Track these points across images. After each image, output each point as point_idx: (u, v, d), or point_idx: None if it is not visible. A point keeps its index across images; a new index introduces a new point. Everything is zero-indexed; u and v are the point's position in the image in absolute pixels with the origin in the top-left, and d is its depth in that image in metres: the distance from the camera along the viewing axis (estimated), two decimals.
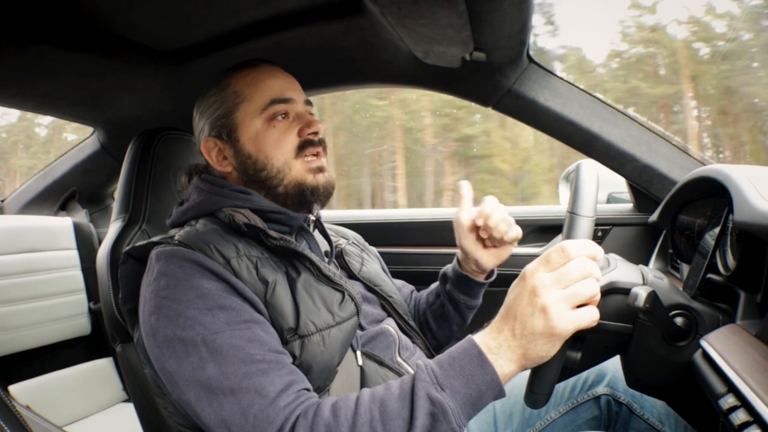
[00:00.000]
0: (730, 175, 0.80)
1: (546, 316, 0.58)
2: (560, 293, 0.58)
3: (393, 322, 0.92)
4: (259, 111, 0.83)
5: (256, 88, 0.84)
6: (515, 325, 0.60)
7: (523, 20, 0.94)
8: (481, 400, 0.61)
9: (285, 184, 0.83)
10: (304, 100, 0.88)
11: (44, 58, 1.04)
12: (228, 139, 0.85)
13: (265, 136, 0.83)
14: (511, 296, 0.63)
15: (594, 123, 1.24)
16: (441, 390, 0.60)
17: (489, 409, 0.92)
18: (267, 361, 0.66)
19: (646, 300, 0.65)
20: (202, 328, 0.66)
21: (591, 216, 0.63)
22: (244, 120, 0.84)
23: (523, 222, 1.53)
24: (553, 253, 0.60)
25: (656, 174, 1.24)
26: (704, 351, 0.67)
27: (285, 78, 0.88)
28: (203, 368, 0.65)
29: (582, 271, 0.59)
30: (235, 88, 0.85)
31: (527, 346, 0.60)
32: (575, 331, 0.59)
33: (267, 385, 0.64)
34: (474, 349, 0.61)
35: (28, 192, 1.84)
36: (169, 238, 0.78)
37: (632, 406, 0.85)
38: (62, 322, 1.72)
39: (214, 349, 0.65)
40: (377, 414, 0.61)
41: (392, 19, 0.90)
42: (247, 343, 0.67)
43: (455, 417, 0.59)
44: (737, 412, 0.54)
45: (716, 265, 0.84)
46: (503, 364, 0.61)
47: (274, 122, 0.83)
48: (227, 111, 0.84)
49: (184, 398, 0.67)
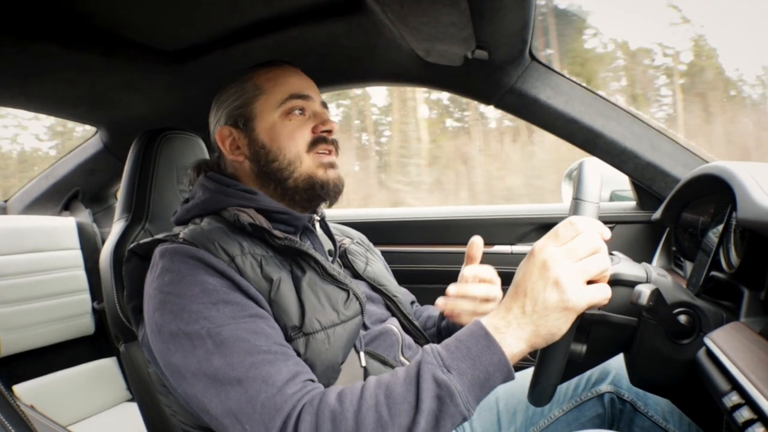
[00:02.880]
0: (733, 172, 0.80)
1: (559, 288, 0.57)
2: (572, 266, 0.58)
3: (396, 322, 0.92)
4: (277, 104, 0.85)
5: (276, 82, 0.86)
6: (525, 301, 0.59)
7: (525, 18, 0.93)
8: (489, 381, 0.60)
9: (295, 177, 0.84)
10: (321, 101, 0.90)
11: (47, 58, 1.05)
12: (244, 127, 0.86)
13: (280, 128, 0.84)
14: (519, 273, 0.61)
15: (596, 120, 1.23)
16: (447, 372, 0.59)
17: (493, 407, 0.92)
18: (273, 352, 0.66)
19: (649, 298, 0.64)
20: (206, 321, 0.66)
21: (596, 202, 0.63)
22: (262, 111, 0.85)
23: (525, 220, 1.53)
24: (561, 228, 0.60)
25: (659, 171, 1.24)
26: (708, 349, 0.66)
27: (305, 78, 0.90)
28: (209, 360, 0.64)
29: (592, 246, 0.58)
30: (256, 82, 0.86)
31: (538, 322, 0.58)
32: (588, 307, 0.58)
33: (274, 374, 0.64)
34: (481, 331, 0.61)
35: (32, 192, 1.85)
36: (173, 235, 0.78)
37: (636, 403, 0.84)
38: (66, 322, 1.72)
39: (220, 341, 0.65)
40: (383, 398, 0.60)
41: (394, 17, 0.90)
42: (252, 335, 0.66)
43: (462, 399, 0.58)
44: (741, 410, 0.54)
45: (720, 262, 0.83)
46: (512, 343, 0.59)
47: (291, 116, 0.85)
48: (246, 101, 0.86)
49: (190, 392, 0.66)
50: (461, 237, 1.54)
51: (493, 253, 1.53)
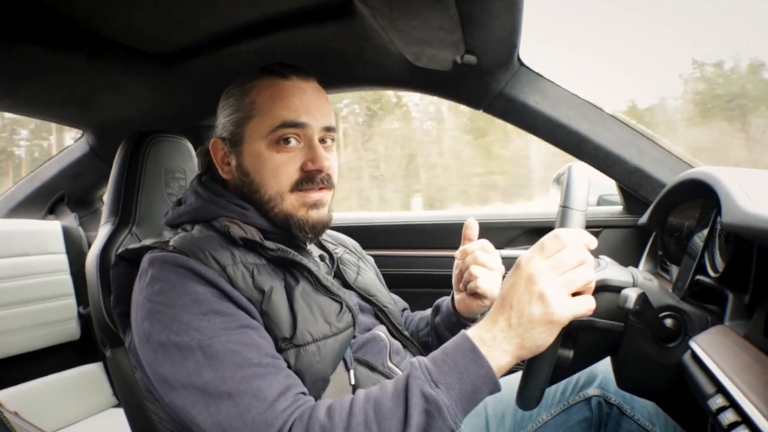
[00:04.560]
0: (718, 177, 0.81)
1: (544, 302, 0.58)
2: (557, 279, 0.58)
3: (384, 328, 0.92)
4: (267, 132, 0.80)
5: (272, 104, 0.80)
6: (511, 314, 0.59)
7: (514, 23, 0.94)
8: (476, 395, 0.60)
9: (275, 213, 0.82)
10: (325, 126, 0.83)
11: (32, 60, 1.03)
12: (233, 148, 0.84)
13: (266, 160, 0.80)
14: (506, 286, 0.62)
15: (583, 125, 1.24)
16: (435, 386, 0.59)
17: (481, 412, 0.91)
18: (264, 365, 0.66)
19: (636, 302, 0.65)
20: (197, 332, 0.65)
21: (583, 210, 0.64)
22: (251, 137, 0.81)
23: (513, 224, 1.53)
24: (547, 241, 0.60)
25: (645, 176, 1.25)
26: (693, 352, 0.67)
27: (311, 97, 0.83)
28: (199, 373, 0.64)
29: (577, 258, 0.59)
30: (254, 98, 0.81)
31: (524, 335, 0.59)
32: (572, 319, 0.59)
33: (265, 388, 0.63)
34: (467, 344, 0.61)
35: (16, 195, 1.82)
36: (163, 242, 0.77)
37: (623, 407, 0.85)
38: (51, 327, 1.69)
39: (210, 354, 0.64)
40: (372, 413, 0.60)
41: (383, 21, 0.90)
42: (243, 347, 0.66)
43: (450, 413, 0.59)
44: (726, 413, 0.54)
45: (705, 266, 0.84)
46: (498, 356, 0.60)
47: (279, 147, 0.80)
48: (238, 121, 0.82)
49: (179, 403, 0.65)
50: (453, 241, 1.53)
51: None
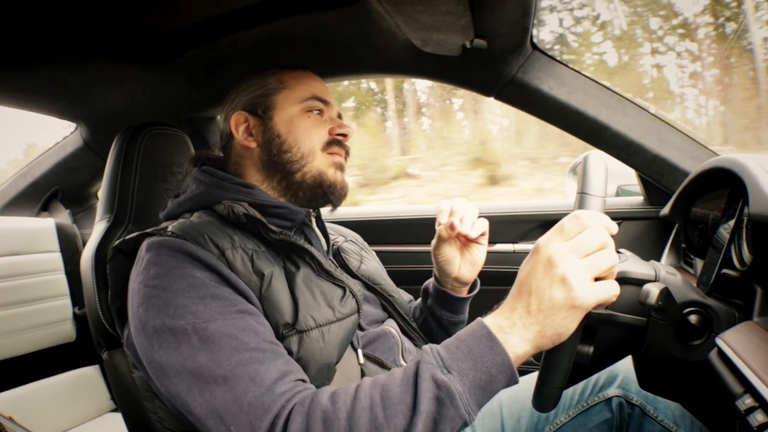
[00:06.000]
0: (744, 165, 0.78)
1: (566, 286, 0.55)
2: (579, 262, 0.55)
3: (394, 324, 0.91)
4: (300, 100, 0.86)
5: (300, 81, 0.88)
6: (530, 300, 0.57)
7: (526, 5, 0.92)
8: (491, 384, 0.57)
9: (304, 172, 0.84)
10: (338, 111, 0.92)
11: (23, 52, 1.00)
12: (262, 115, 0.87)
13: (299, 121, 0.86)
14: (523, 272, 0.59)
15: (601, 112, 1.21)
16: (447, 372, 0.57)
17: (496, 413, 0.90)
18: (262, 350, 0.64)
19: (658, 297, 0.64)
20: (192, 316, 0.64)
21: (602, 195, 0.61)
22: (283, 104, 0.87)
23: (527, 218, 1.50)
24: (567, 222, 0.58)
25: (667, 165, 1.22)
26: (720, 350, 0.65)
27: (326, 86, 0.93)
28: (194, 357, 0.62)
29: (599, 240, 0.56)
30: (280, 77, 0.89)
31: (545, 321, 0.56)
32: (597, 305, 0.56)
33: (262, 372, 0.62)
34: (482, 330, 0.58)
35: (8, 192, 1.79)
36: (161, 229, 0.77)
37: (645, 407, 0.83)
38: (46, 329, 1.67)
39: (206, 337, 0.63)
40: (378, 399, 0.58)
41: (389, 6, 0.88)
42: (240, 332, 0.64)
43: (463, 402, 0.55)
44: (755, 414, 0.53)
45: (731, 259, 0.82)
46: (516, 344, 0.57)
47: (310, 114, 0.87)
48: (267, 92, 0.87)
49: (173, 390, 0.63)
50: None
51: (495, 252, 1.50)
